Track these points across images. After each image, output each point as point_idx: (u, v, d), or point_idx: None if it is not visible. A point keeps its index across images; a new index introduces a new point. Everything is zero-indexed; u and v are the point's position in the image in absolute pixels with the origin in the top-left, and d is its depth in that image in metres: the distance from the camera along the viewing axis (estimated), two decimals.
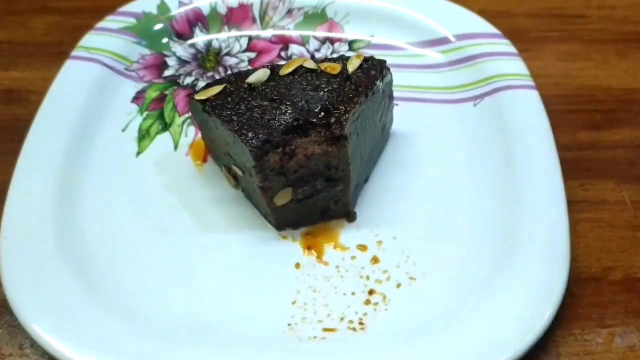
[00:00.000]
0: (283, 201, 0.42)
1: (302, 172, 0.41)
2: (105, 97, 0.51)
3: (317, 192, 0.42)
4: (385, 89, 0.45)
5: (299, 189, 0.42)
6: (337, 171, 0.42)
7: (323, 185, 0.42)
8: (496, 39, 0.54)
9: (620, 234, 0.45)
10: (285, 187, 0.42)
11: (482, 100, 0.51)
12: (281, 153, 0.40)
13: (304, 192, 0.42)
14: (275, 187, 0.41)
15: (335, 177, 0.42)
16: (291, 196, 0.42)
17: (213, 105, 0.42)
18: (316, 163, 0.41)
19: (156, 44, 0.56)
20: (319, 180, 0.42)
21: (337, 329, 0.39)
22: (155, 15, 0.57)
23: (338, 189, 0.43)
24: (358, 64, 0.44)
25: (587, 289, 0.42)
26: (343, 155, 0.41)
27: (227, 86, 0.43)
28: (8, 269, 0.40)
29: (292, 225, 0.44)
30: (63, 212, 0.43)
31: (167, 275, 0.42)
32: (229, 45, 0.57)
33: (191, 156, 0.49)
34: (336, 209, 0.44)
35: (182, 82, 0.54)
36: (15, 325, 0.40)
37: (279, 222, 0.44)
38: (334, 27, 0.57)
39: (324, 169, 0.41)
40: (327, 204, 0.44)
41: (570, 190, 0.44)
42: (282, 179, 0.41)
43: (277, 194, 0.42)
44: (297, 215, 0.44)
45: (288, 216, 0.43)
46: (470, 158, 0.47)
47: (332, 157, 0.41)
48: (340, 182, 0.42)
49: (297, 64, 0.44)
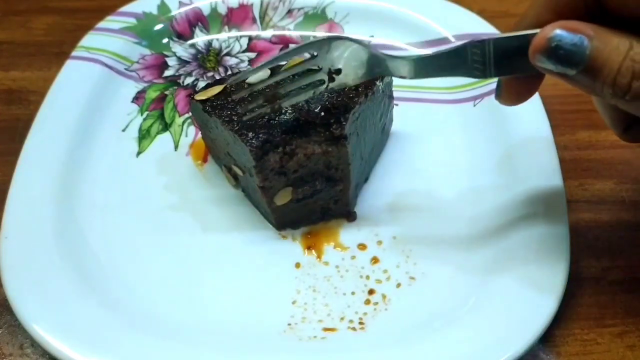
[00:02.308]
0: (283, 201, 0.42)
1: (302, 171, 0.41)
2: (105, 97, 0.51)
3: (317, 191, 0.43)
4: (385, 89, 0.45)
5: (299, 188, 0.42)
6: (337, 171, 0.42)
7: (323, 185, 0.42)
8: None
9: (620, 234, 0.45)
10: (286, 187, 0.42)
11: (482, 100, 0.51)
12: (281, 153, 0.40)
13: (304, 191, 0.42)
14: (276, 187, 0.41)
15: (335, 177, 0.42)
16: (291, 196, 0.42)
17: (213, 106, 0.42)
18: (316, 163, 0.41)
19: (156, 44, 0.56)
20: (319, 180, 0.42)
21: (337, 329, 0.39)
22: (156, 16, 0.57)
23: (338, 189, 0.43)
24: None
25: (587, 289, 0.42)
26: (343, 155, 0.41)
27: (228, 86, 0.43)
28: (8, 269, 0.40)
29: (292, 224, 0.44)
30: (63, 212, 0.43)
31: (167, 275, 0.42)
32: (229, 45, 0.57)
33: (191, 156, 0.49)
34: (336, 208, 0.44)
35: (182, 82, 0.54)
36: (16, 325, 0.40)
37: (279, 222, 0.44)
38: (334, 27, 0.57)
39: (324, 169, 0.42)
40: (327, 204, 0.44)
41: (569, 190, 0.44)
42: (282, 179, 0.41)
43: (278, 193, 0.42)
44: (297, 214, 0.44)
45: (288, 216, 0.44)
46: (470, 158, 0.48)
47: (332, 157, 0.41)
48: (341, 182, 0.42)
49: (297, 63, 0.44)
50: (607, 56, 0.30)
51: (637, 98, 0.30)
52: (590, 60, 0.30)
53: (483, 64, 0.34)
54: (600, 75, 0.30)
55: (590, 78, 0.30)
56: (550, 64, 0.31)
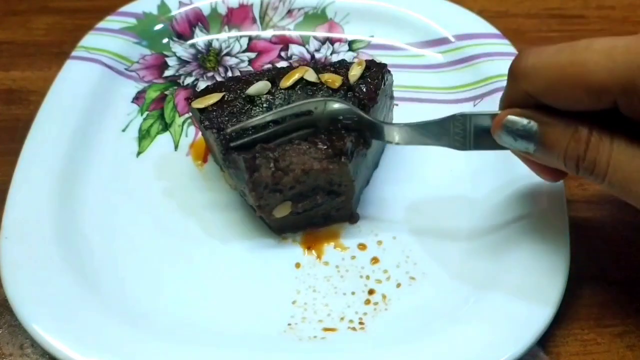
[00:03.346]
0: (282, 214, 0.42)
1: (300, 188, 0.40)
2: (105, 97, 0.51)
3: (318, 205, 0.42)
4: (386, 91, 0.45)
5: (299, 203, 0.41)
6: (340, 187, 0.41)
7: (324, 198, 0.42)
8: (496, 39, 0.54)
9: (620, 234, 0.45)
10: (284, 201, 0.41)
11: (482, 100, 0.51)
12: (273, 168, 0.39)
13: (304, 205, 0.42)
14: (272, 204, 0.41)
15: (337, 191, 0.42)
16: (291, 209, 0.42)
17: (210, 118, 0.42)
18: (315, 179, 0.40)
19: (156, 44, 0.56)
20: (320, 194, 0.41)
21: (337, 329, 0.39)
22: (156, 16, 0.57)
23: (340, 200, 0.42)
24: (359, 72, 0.43)
25: (587, 289, 0.42)
26: (345, 172, 0.40)
27: (226, 94, 0.43)
28: (8, 269, 0.40)
29: (292, 229, 0.44)
30: (63, 212, 0.43)
31: (167, 274, 0.42)
32: (229, 45, 0.57)
33: (191, 156, 0.49)
34: (338, 215, 0.44)
35: (182, 82, 0.54)
36: (16, 325, 0.40)
37: (278, 229, 0.44)
38: (334, 27, 0.57)
39: (325, 185, 0.41)
40: (329, 212, 0.43)
41: (569, 190, 0.44)
42: (277, 196, 0.40)
43: (276, 207, 0.41)
44: (298, 222, 0.43)
45: (287, 224, 0.43)
46: (470, 158, 0.47)
47: (333, 175, 0.40)
48: (343, 195, 0.42)
49: (298, 76, 0.43)
50: (555, 138, 0.34)
51: (587, 172, 0.34)
52: (541, 141, 0.35)
53: (463, 137, 0.38)
54: (553, 153, 0.34)
55: (547, 156, 0.35)
56: (509, 142, 0.36)
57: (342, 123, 0.40)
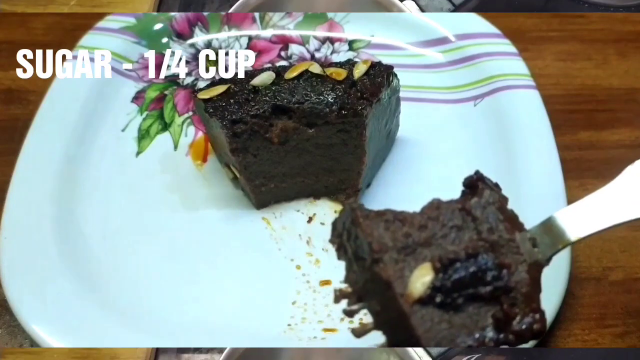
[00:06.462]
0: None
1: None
2: (105, 97, 0.51)
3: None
4: (392, 95, 0.45)
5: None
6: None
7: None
8: (496, 39, 0.54)
9: (620, 234, 0.45)
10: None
11: (482, 100, 0.51)
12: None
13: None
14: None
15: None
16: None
17: (215, 107, 0.42)
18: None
19: (156, 43, 0.56)
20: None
21: (337, 329, 0.39)
22: (155, 15, 0.57)
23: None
24: (364, 69, 0.43)
25: (587, 289, 0.42)
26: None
27: (232, 86, 0.43)
28: (8, 269, 0.40)
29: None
30: (63, 212, 0.43)
31: (167, 275, 0.42)
32: (229, 45, 0.56)
33: (191, 156, 0.49)
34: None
35: (182, 82, 0.54)
36: (15, 325, 0.40)
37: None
38: (334, 27, 0.57)
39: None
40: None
41: (570, 190, 0.44)
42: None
43: None
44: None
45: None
46: (470, 158, 0.47)
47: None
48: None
49: (303, 68, 0.43)
50: None
51: None
52: None
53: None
54: None
55: None
56: None
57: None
